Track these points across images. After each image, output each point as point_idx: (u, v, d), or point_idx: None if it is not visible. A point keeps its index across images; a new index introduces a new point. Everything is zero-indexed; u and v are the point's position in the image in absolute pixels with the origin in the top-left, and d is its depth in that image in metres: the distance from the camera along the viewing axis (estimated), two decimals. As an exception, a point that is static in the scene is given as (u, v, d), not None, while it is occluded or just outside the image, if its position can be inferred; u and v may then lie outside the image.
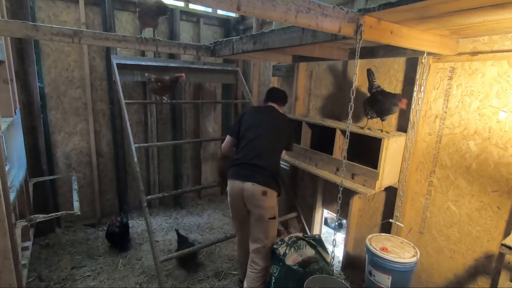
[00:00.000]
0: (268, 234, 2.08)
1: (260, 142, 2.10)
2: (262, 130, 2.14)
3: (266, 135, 2.12)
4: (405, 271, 1.80)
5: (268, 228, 2.07)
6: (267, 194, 1.99)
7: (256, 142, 2.10)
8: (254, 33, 2.02)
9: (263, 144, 2.09)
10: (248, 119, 2.22)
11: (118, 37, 2.07)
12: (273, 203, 2.04)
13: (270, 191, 2.00)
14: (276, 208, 2.07)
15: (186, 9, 3.65)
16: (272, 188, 2.02)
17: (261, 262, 2.09)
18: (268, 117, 2.23)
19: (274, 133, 2.15)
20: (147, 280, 2.56)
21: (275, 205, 2.07)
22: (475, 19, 1.34)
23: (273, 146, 2.13)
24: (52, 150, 3.22)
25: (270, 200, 2.02)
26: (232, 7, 1.01)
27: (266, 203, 2.01)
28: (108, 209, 3.64)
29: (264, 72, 3.78)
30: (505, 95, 1.73)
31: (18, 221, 2.12)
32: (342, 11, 1.24)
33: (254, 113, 2.29)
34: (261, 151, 2.07)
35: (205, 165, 4.29)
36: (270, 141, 2.12)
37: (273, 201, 2.04)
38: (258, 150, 2.07)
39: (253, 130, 2.15)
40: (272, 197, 2.03)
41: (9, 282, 1.62)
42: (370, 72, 2.23)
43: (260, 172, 2.01)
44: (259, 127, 2.15)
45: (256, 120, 2.20)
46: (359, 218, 2.68)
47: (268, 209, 2.02)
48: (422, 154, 2.16)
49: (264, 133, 2.13)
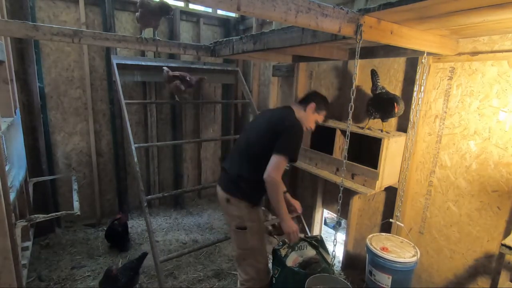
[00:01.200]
0: (238, 245, 1.91)
1: (238, 146, 1.94)
2: (246, 133, 1.97)
3: (246, 138, 1.91)
4: (406, 271, 1.81)
5: (237, 238, 1.89)
6: (230, 202, 1.83)
7: (236, 146, 1.98)
8: (254, 33, 2.02)
9: (239, 149, 1.92)
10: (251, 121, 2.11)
11: (118, 37, 2.08)
12: (238, 212, 1.83)
13: (234, 200, 1.82)
14: (245, 219, 1.83)
15: (186, 9, 3.65)
16: (236, 197, 1.82)
17: (243, 274, 1.94)
18: (262, 119, 1.97)
19: (256, 135, 1.85)
20: (147, 280, 2.56)
21: (243, 216, 1.83)
22: (475, 19, 1.34)
23: (250, 151, 1.84)
24: (52, 150, 3.22)
25: (234, 209, 1.83)
26: (232, 7, 1.01)
27: (230, 210, 1.87)
28: (108, 209, 3.63)
29: (264, 72, 3.79)
30: (505, 95, 1.73)
31: (18, 221, 2.12)
32: (342, 11, 1.24)
33: (258, 115, 2.18)
34: (234, 156, 1.92)
35: (205, 165, 4.29)
36: (248, 145, 1.87)
37: (238, 211, 1.83)
38: (231, 155, 1.95)
39: (242, 133, 2.05)
40: (238, 206, 1.82)
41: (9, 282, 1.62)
42: (374, 72, 2.22)
43: (227, 178, 1.88)
44: (245, 130, 2.02)
45: (251, 122, 2.10)
46: (359, 218, 2.68)
47: (234, 217, 1.85)
48: (422, 154, 2.16)
49: (245, 136, 1.94)
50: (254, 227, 1.85)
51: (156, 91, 3.68)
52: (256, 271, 1.92)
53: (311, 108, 1.90)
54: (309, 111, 1.91)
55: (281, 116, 1.85)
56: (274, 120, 1.83)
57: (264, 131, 1.82)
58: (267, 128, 1.82)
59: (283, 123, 1.78)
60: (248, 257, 1.91)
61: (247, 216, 1.83)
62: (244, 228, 1.84)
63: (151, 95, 3.63)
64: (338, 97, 2.77)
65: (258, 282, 1.93)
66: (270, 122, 1.84)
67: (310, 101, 1.91)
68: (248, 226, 1.83)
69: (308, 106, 1.90)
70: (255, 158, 1.80)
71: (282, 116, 1.85)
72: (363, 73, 2.50)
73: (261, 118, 1.98)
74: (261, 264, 1.93)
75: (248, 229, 1.84)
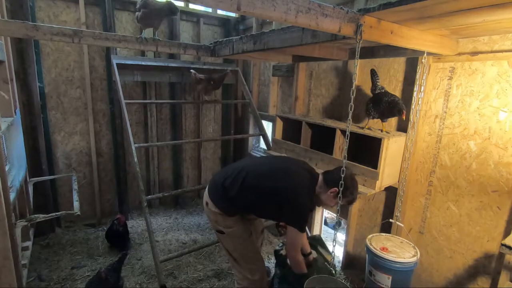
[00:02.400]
0: (224, 247, 1.97)
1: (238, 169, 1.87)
2: (254, 162, 1.98)
3: (251, 170, 1.83)
4: (405, 271, 1.80)
5: (220, 240, 1.99)
6: (208, 206, 1.90)
7: (236, 167, 1.90)
8: (254, 33, 2.02)
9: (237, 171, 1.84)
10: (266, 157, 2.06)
11: (118, 37, 2.08)
12: (215, 217, 1.89)
13: (211, 205, 1.88)
14: (221, 225, 1.88)
15: (186, 9, 3.65)
16: (214, 202, 1.87)
17: (237, 273, 2.00)
18: (278, 165, 1.87)
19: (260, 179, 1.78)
20: (147, 280, 2.56)
21: (219, 221, 1.88)
22: (475, 19, 1.34)
23: (246, 183, 1.78)
24: (52, 150, 3.22)
25: (211, 213, 1.90)
26: (232, 7, 1.01)
27: (208, 213, 1.95)
28: (108, 209, 3.64)
29: (264, 72, 3.79)
30: (505, 95, 1.73)
31: (18, 221, 2.12)
32: (342, 11, 1.24)
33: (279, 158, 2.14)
34: (228, 173, 1.87)
35: (205, 165, 4.29)
36: (251, 179, 1.79)
37: (214, 216, 1.88)
38: (229, 172, 1.89)
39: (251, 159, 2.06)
40: (213, 212, 1.87)
41: (9, 282, 1.62)
42: (374, 72, 2.22)
43: (214, 185, 1.92)
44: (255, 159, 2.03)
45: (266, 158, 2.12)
46: (359, 218, 2.68)
47: (211, 221, 1.94)
48: (422, 154, 2.16)
49: (251, 167, 1.87)
50: (232, 232, 1.89)
51: (156, 91, 3.68)
52: (249, 271, 1.95)
53: (333, 192, 1.71)
54: (330, 195, 1.73)
55: (293, 184, 1.72)
56: (285, 184, 1.71)
57: (272, 186, 1.73)
58: (276, 186, 1.72)
59: (288, 196, 1.69)
60: (238, 258, 1.95)
61: (222, 222, 1.88)
62: (222, 232, 1.91)
63: (151, 95, 3.63)
64: (338, 97, 2.77)
65: (254, 282, 1.95)
66: (281, 181, 1.72)
67: (334, 185, 1.68)
68: (226, 231, 1.89)
69: (330, 190, 1.72)
70: (248, 193, 1.78)
71: (294, 185, 1.72)
72: (363, 73, 2.50)
73: (282, 166, 1.86)
74: (253, 265, 1.95)
75: (226, 233, 1.90)
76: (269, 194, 1.75)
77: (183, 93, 3.85)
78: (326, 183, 1.76)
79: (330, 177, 1.76)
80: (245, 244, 1.94)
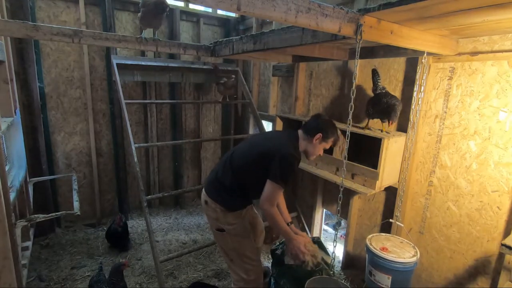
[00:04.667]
0: (222, 246, 1.97)
1: (230, 155, 1.95)
2: (243, 145, 2.01)
3: (240, 151, 1.93)
4: (405, 271, 1.80)
5: (218, 239, 1.97)
6: (208, 204, 1.90)
7: (229, 154, 1.97)
8: (254, 33, 2.02)
9: (230, 157, 1.93)
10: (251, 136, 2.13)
11: (118, 37, 2.08)
12: (215, 215, 1.88)
13: (211, 202, 1.88)
14: (222, 222, 1.88)
15: (186, 9, 3.65)
16: (213, 199, 1.88)
17: (233, 274, 2.00)
18: (261, 138, 2.00)
19: (249, 153, 1.87)
20: (147, 280, 2.56)
21: (220, 218, 1.88)
22: (475, 19, 1.34)
23: (235, 164, 1.87)
24: (52, 150, 3.22)
25: (212, 211, 1.89)
26: (232, 7, 1.01)
27: (208, 212, 1.94)
28: (108, 209, 3.64)
29: (264, 72, 3.79)
30: (505, 95, 1.73)
31: (18, 221, 2.12)
32: (342, 11, 1.24)
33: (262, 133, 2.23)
34: (222, 163, 1.95)
35: (205, 165, 4.29)
36: (238, 158, 1.89)
37: (214, 213, 1.88)
38: (222, 161, 1.97)
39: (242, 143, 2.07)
40: (213, 209, 1.88)
41: (9, 282, 1.62)
42: (375, 72, 2.21)
43: (210, 181, 1.95)
44: (244, 142, 2.05)
45: (252, 138, 2.13)
46: (359, 218, 2.68)
47: (211, 219, 1.93)
48: (422, 154, 2.16)
49: (241, 148, 1.96)
50: (232, 230, 1.88)
51: (156, 91, 3.68)
52: (244, 271, 1.93)
53: (317, 139, 1.85)
54: (316, 142, 1.86)
55: (276, 143, 1.82)
56: (269, 145, 1.82)
57: (256, 152, 1.82)
58: (259, 150, 1.82)
59: (274, 152, 1.75)
60: (234, 258, 1.94)
61: (223, 219, 1.87)
62: (222, 230, 1.89)
63: (151, 95, 3.63)
64: (338, 97, 2.77)
65: (249, 282, 1.94)
66: (264, 146, 1.83)
67: (316, 131, 1.84)
68: (226, 228, 1.88)
69: (315, 137, 1.85)
70: (239, 172, 1.85)
71: (277, 143, 1.82)
72: (363, 73, 2.50)
73: (261, 137, 2.02)
74: (249, 265, 1.94)
75: (226, 231, 1.88)
76: (256, 162, 1.80)
77: (183, 93, 3.85)
78: (308, 134, 1.87)
79: (309, 126, 1.89)
80: (244, 243, 1.93)
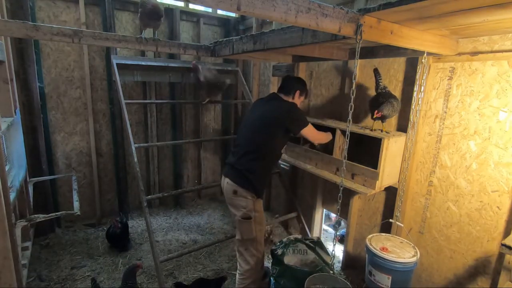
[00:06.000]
0: (243, 234, 2.02)
1: (241, 140, 2.09)
2: (247, 126, 2.11)
3: (248, 131, 2.06)
4: (405, 271, 1.80)
5: (242, 228, 2.01)
6: (237, 193, 1.96)
7: (239, 140, 2.11)
8: (254, 33, 2.02)
9: (242, 142, 2.06)
10: (247, 114, 2.26)
11: (118, 37, 2.08)
12: (245, 203, 1.97)
13: (242, 191, 1.95)
14: (250, 210, 1.97)
15: (186, 9, 3.65)
16: (244, 188, 1.95)
17: (243, 264, 2.05)
18: (260, 110, 2.12)
19: (258, 128, 2.03)
20: (147, 280, 2.56)
21: (249, 206, 1.97)
22: (475, 19, 1.34)
23: (254, 143, 2.01)
24: (52, 150, 3.21)
25: (242, 200, 1.96)
26: (232, 7, 1.01)
27: (236, 201, 1.99)
28: (108, 209, 3.64)
29: (264, 72, 3.79)
30: (505, 95, 1.73)
31: (18, 221, 2.12)
32: (342, 11, 1.24)
33: (253, 106, 2.30)
34: (239, 150, 2.05)
35: (205, 165, 4.29)
36: (251, 137, 2.03)
37: (244, 202, 1.96)
38: (237, 149, 2.08)
39: (242, 126, 2.18)
40: (245, 197, 1.96)
41: (9, 282, 1.62)
42: (376, 71, 2.20)
43: (234, 170, 2.01)
44: (246, 123, 2.15)
45: (250, 115, 2.21)
46: (359, 218, 2.68)
47: (239, 208, 1.98)
48: (422, 154, 2.16)
49: (247, 129, 2.08)
50: (257, 217, 2.00)
51: (156, 91, 3.68)
52: (255, 261, 2.03)
53: (297, 95, 2.15)
54: (296, 98, 2.16)
55: (277, 109, 2.05)
56: (275, 114, 2.02)
57: (267, 125, 2.01)
58: (269, 123, 2.01)
59: (283, 115, 2.01)
60: (250, 246, 2.03)
61: (252, 206, 1.98)
62: (249, 218, 1.98)
63: (151, 95, 3.63)
64: (338, 97, 2.77)
65: (255, 272, 2.05)
66: (270, 117, 2.02)
67: (294, 89, 2.14)
68: (253, 216, 1.98)
69: (295, 94, 2.14)
70: (262, 152, 2.00)
71: (278, 108, 2.05)
72: (363, 73, 2.50)
73: (258, 112, 2.13)
74: (260, 254, 2.06)
75: (253, 218, 1.99)
76: (275, 129, 2.01)
77: (183, 93, 3.85)
78: (288, 93, 2.14)
79: (287, 88, 2.16)
80: (262, 231, 2.08)
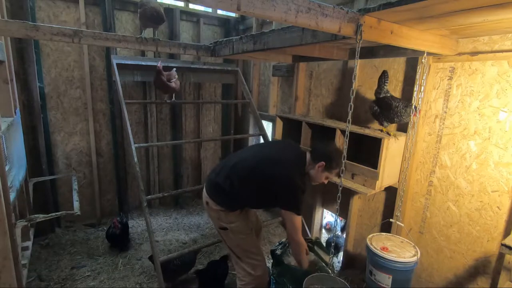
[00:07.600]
0: (228, 244, 1.99)
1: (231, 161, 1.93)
2: (245, 154, 2.00)
3: (243, 160, 1.90)
4: (406, 271, 1.80)
5: (223, 238, 2.00)
6: (209, 205, 1.93)
7: (233, 158, 1.96)
8: (254, 33, 2.02)
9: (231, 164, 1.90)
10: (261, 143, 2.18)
11: (118, 37, 2.08)
12: (217, 214, 1.91)
13: (212, 203, 1.90)
14: (223, 221, 1.91)
15: (186, 9, 3.65)
16: (214, 201, 1.89)
17: (240, 271, 2.01)
18: (266, 152, 1.95)
19: (251, 170, 1.82)
20: (147, 280, 2.56)
21: (221, 218, 1.90)
22: (475, 19, 1.34)
23: (239, 174, 1.84)
24: (52, 150, 3.21)
25: (212, 211, 1.92)
26: (232, 7, 1.01)
27: (209, 212, 1.97)
28: (108, 209, 3.63)
29: (264, 72, 3.79)
30: (505, 95, 1.73)
31: (18, 221, 2.12)
32: (342, 11, 1.24)
33: (271, 141, 2.20)
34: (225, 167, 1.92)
35: (205, 165, 4.29)
36: (240, 169, 1.85)
37: (216, 213, 1.91)
38: (222, 166, 1.97)
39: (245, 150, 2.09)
40: (214, 209, 1.90)
41: (9, 282, 1.62)
42: (385, 74, 2.11)
43: (211, 182, 1.95)
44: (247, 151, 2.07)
45: (255, 147, 2.17)
46: (359, 218, 2.68)
47: (214, 218, 1.96)
48: (422, 154, 2.16)
49: (243, 157, 1.94)
50: (235, 227, 1.92)
51: (156, 91, 3.68)
52: (252, 267, 1.97)
53: (320, 166, 1.80)
54: (319, 170, 1.81)
55: (283, 169, 1.77)
56: (276, 170, 1.76)
57: (262, 173, 1.79)
58: (266, 173, 1.78)
59: (282, 181, 1.73)
60: (241, 255, 1.97)
61: (224, 218, 1.91)
62: (225, 229, 1.93)
63: (151, 95, 3.63)
64: (338, 97, 2.77)
65: (257, 278, 1.97)
66: (272, 169, 1.77)
67: (320, 159, 1.80)
68: (229, 226, 1.92)
69: (317, 164, 1.80)
70: (242, 184, 1.83)
71: (284, 170, 1.76)
72: (363, 73, 2.50)
73: (269, 153, 1.93)
74: (255, 260, 1.98)
75: (229, 229, 1.92)
76: (261, 185, 1.80)
77: (183, 93, 3.85)
78: (313, 159, 1.85)
79: (316, 152, 1.86)
80: (247, 239, 1.97)
